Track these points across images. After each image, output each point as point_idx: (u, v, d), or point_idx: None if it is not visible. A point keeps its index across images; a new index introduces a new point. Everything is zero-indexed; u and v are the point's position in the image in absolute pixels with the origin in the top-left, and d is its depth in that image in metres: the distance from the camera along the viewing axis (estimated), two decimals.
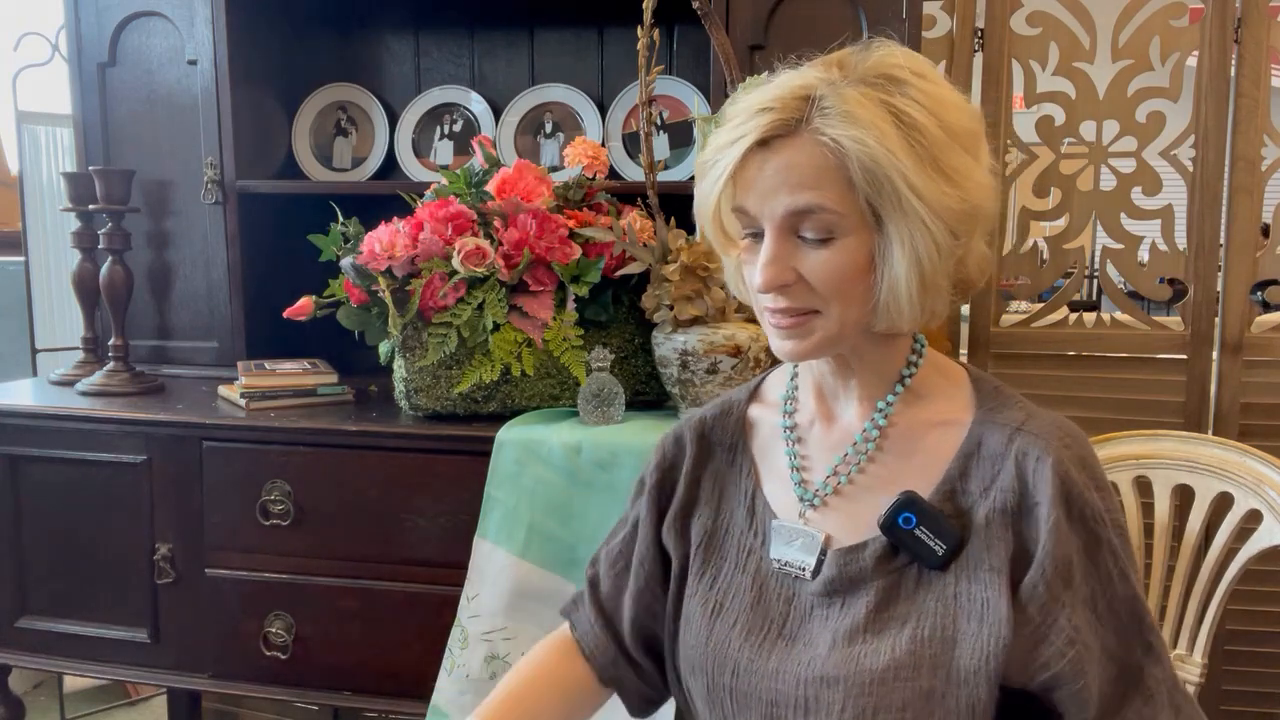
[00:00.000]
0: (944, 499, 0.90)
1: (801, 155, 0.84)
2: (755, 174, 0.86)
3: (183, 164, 2.03)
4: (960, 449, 0.91)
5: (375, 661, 1.63)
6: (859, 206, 0.83)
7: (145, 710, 2.80)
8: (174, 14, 2.00)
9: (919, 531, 0.87)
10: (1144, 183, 2.12)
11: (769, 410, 1.03)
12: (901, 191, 0.82)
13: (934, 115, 0.83)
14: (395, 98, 2.20)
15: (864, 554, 0.91)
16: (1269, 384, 2.09)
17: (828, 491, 0.95)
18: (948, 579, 0.88)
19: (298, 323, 1.74)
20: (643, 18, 1.49)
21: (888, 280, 0.85)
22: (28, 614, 1.80)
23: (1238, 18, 2.03)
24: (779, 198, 0.85)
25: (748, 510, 0.99)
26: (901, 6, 1.77)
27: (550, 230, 1.59)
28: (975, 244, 0.89)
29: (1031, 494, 0.87)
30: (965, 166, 0.85)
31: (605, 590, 1.08)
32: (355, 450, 1.62)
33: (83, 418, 1.74)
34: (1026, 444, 0.88)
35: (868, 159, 0.81)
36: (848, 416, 0.96)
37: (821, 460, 0.96)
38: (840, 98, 0.83)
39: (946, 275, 0.87)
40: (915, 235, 0.83)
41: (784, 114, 0.84)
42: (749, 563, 0.97)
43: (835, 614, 0.91)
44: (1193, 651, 1.50)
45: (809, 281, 0.86)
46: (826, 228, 0.84)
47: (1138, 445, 1.59)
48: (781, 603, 0.94)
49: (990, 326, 2.19)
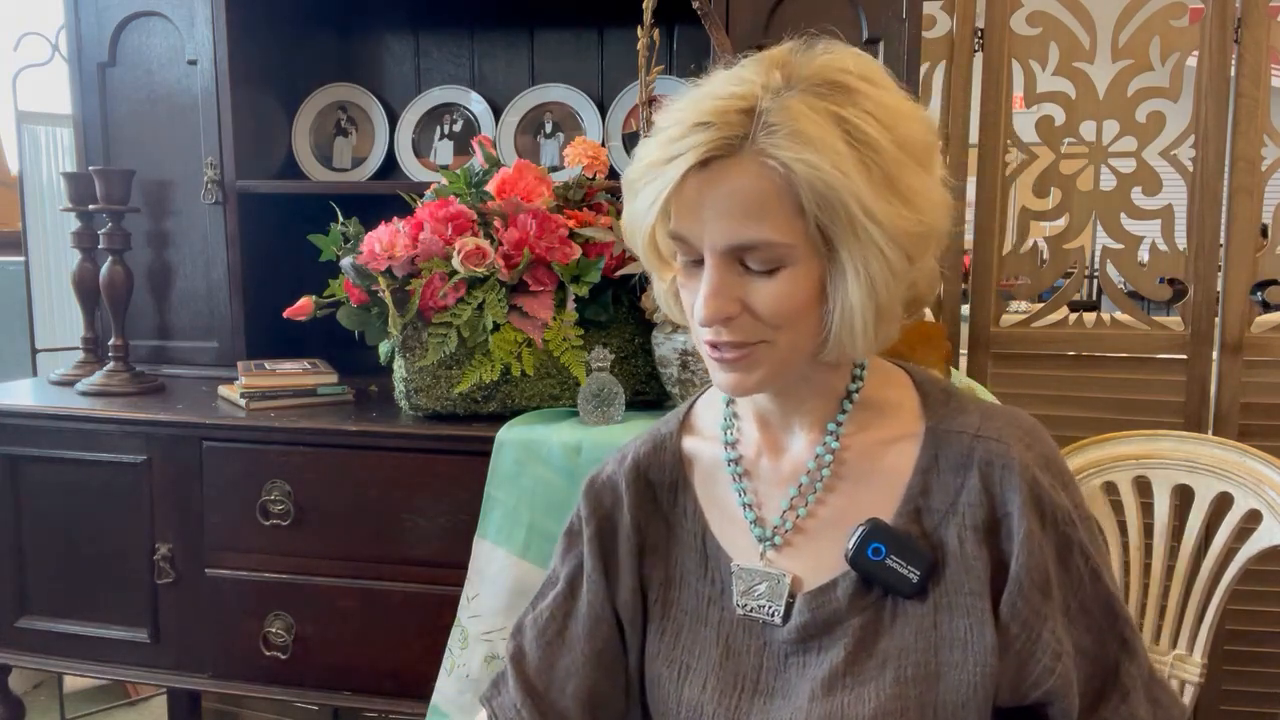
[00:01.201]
0: (909, 520, 0.85)
1: (745, 179, 0.76)
2: (694, 198, 0.78)
3: (183, 164, 2.03)
4: (917, 464, 0.87)
5: (375, 661, 1.63)
6: (808, 233, 0.77)
7: (145, 710, 2.80)
8: (174, 14, 2.00)
9: (890, 561, 0.83)
10: (1144, 183, 2.13)
11: (706, 442, 0.96)
12: (856, 217, 0.75)
13: (887, 129, 0.77)
14: (395, 98, 2.20)
15: (835, 593, 0.86)
16: (1269, 384, 2.10)
17: (787, 528, 0.89)
18: (925, 609, 0.84)
19: (298, 323, 1.74)
20: (643, 18, 1.49)
21: (841, 309, 0.79)
22: (28, 614, 1.80)
23: (1238, 18, 2.03)
24: (720, 228, 0.77)
25: (699, 555, 0.92)
26: (901, 6, 1.77)
27: (550, 230, 1.59)
28: (927, 262, 0.83)
29: (1001, 504, 0.84)
30: (921, 184, 0.79)
31: (534, 665, 0.95)
32: (355, 450, 1.62)
33: (83, 418, 1.74)
34: (989, 452, 0.84)
35: (820, 184, 0.74)
36: (796, 446, 0.90)
37: (774, 495, 0.90)
38: (787, 112, 0.75)
39: (900, 300, 0.82)
40: (870, 261, 0.77)
41: (724, 131, 0.76)
42: (709, 613, 0.90)
43: (813, 661, 0.86)
44: (1193, 651, 1.50)
45: (756, 313, 0.79)
46: (774, 260, 0.78)
47: (1138, 445, 1.60)
48: (752, 655, 0.88)
49: (990, 326, 2.19)
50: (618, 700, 0.95)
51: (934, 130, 0.83)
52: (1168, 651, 1.52)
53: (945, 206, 0.82)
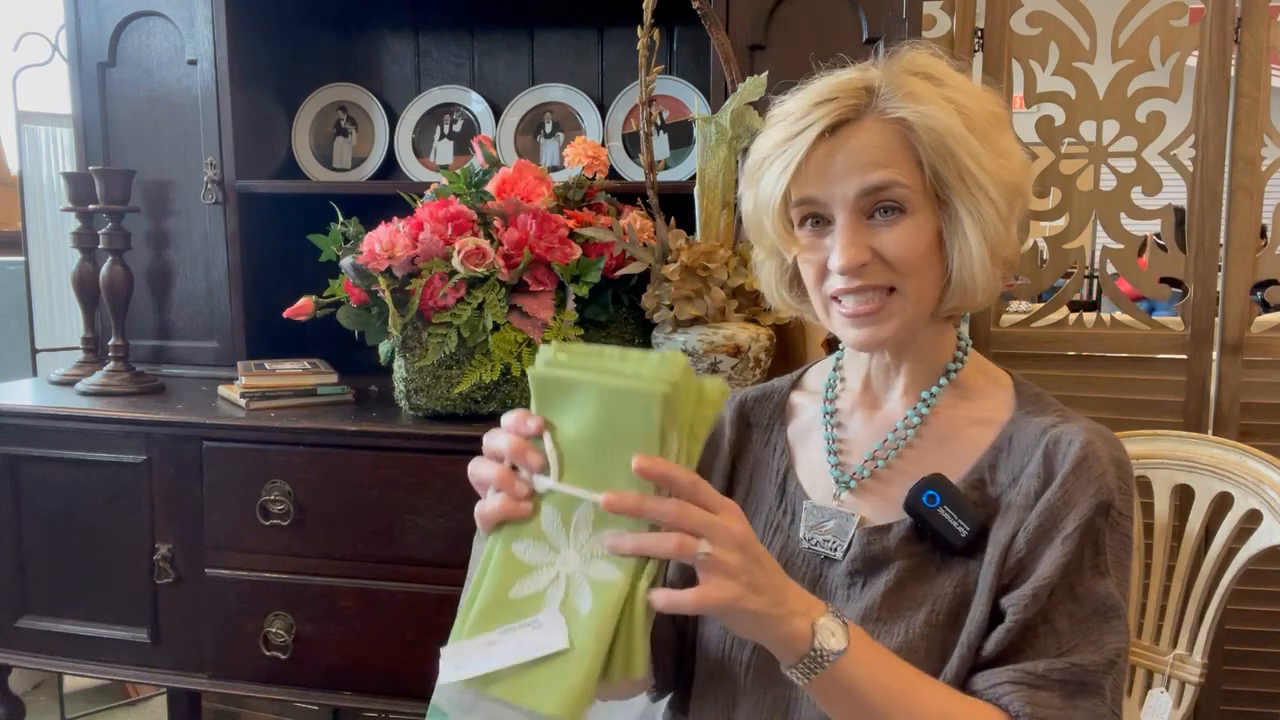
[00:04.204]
0: (971, 487, 0.91)
1: (870, 136, 0.87)
2: (824, 160, 0.87)
3: (183, 164, 2.03)
4: (994, 443, 0.93)
5: (375, 661, 1.63)
6: (925, 185, 0.87)
7: (145, 710, 2.80)
8: (174, 14, 2.00)
9: (942, 510, 0.88)
10: (1144, 183, 2.12)
11: (810, 398, 1.05)
12: (965, 163, 0.85)
13: (975, 100, 0.88)
14: (395, 98, 2.20)
15: (888, 535, 0.91)
16: (1269, 384, 2.09)
17: (864, 475, 0.95)
18: (969, 565, 0.88)
19: (298, 323, 1.74)
20: (643, 18, 1.49)
21: (960, 253, 0.88)
22: (28, 614, 1.80)
23: (1238, 18, 2.03)
24: (851, 179, 0.87)
25: (778, 489, 1.00)
26: (902, 6, 1.77)
27: (550, 230, 1.59)
28: (1013, 225, 0.92)
29: (1054, 471, 0.88)
30: (1008, 144, 0.89)
31: None
32: (355, 450, 1.62)
33: (83, 418, 1.74)
34: (1059, 433, 0.90)
35: (934, 131, 0.85)
36: (891, 404, 0.97)
37: (860, 444, 0.97)
38: (898, 81, 0.87)
39: (1010, 247, 0.91)
40: (982, 207, 0.86)
41: (849, 101, 0.87)
42: (775, 540, 0.97)
43: (856, 594, 0.91)
44: (1193, 651, 1.50)
45: (886, 259, 0.88)
46: (899, 204, 0.87)
47: (1138, 445, 1.59)
48: (807, 583, 0.93)
49: (990, 326, 2.19)
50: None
51: (1005, 106, 0.93)
52: (1168, 651, 1.52)
53: (1028, 166, 0.92)
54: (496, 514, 0.75)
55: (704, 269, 1.53)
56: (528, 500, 0.74)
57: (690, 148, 1.99)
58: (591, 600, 0.72)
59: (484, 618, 0.74)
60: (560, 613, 0.73)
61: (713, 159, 1.57)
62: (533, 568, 0.74)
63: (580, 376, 0.73)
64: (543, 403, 0.75)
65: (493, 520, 0.75)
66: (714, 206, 1.59)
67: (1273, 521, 1.44)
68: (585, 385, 0.73)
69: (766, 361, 1.58)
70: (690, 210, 1.63)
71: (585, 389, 0.73)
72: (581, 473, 0.74)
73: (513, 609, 0.74)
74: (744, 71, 1.67)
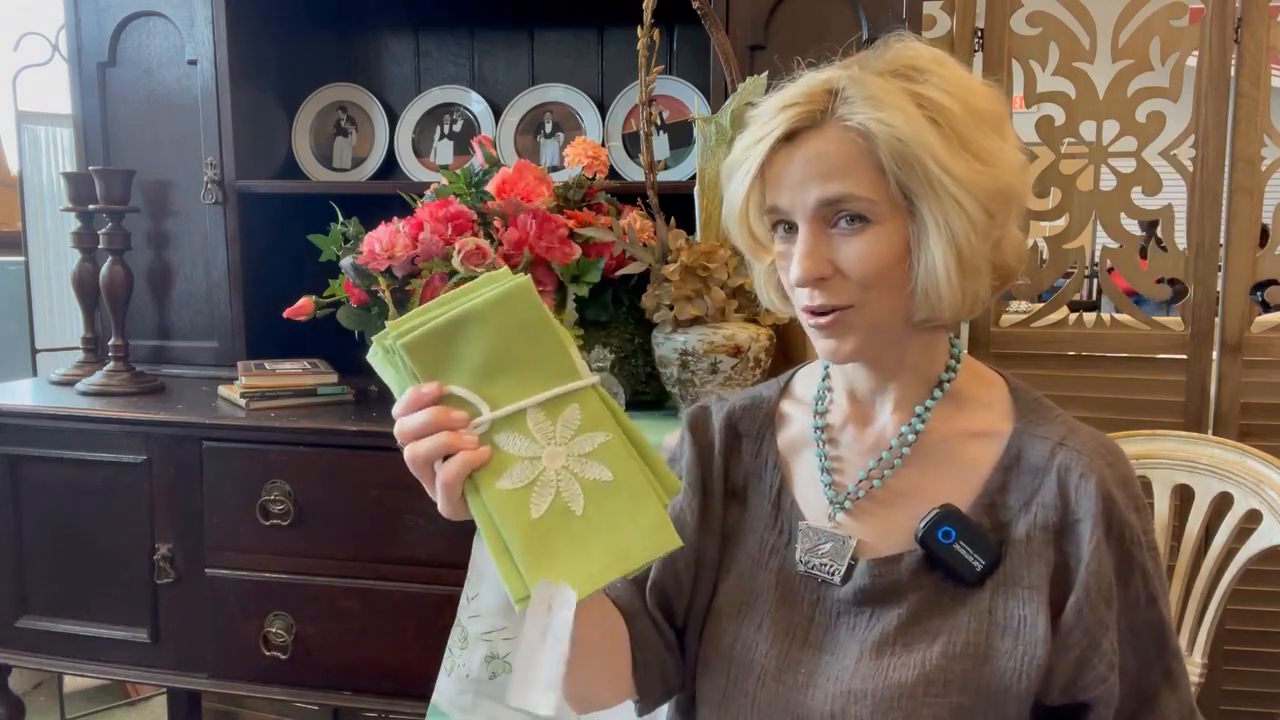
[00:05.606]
0: (983, 512, 0.88)
1: (829, 145, 0.83)
2: (783, 168, 0.85)
3: (183, 164, 2.03)
4: (999, 461, 0.90)
5: (375, 661, 1.63)
6: (890, 193, 0.82)
7: (145, 710, 2.80)
8: (174, 14, 2.00)
9: (958, 546, 0.86)
10: (1144, 183, 2.12)
11: (799, 407, 1.01)
12: (931, 170, 0.81)
13: (958, 99, 0.83)
14: (395, 98, 2.20)
15: (899, 566, 0.88)
16: (1269, 384, 2.09)
17: (859, 495, 0.92)
18: (984, 594, 0.86)
19: (298, 323, 1.74)
20: (643, 18, 1.49)
21: (924, 264, 0.83)
22: (28, 614, 1.80)
23: (1238, 18, 2.03)
24: (809, 189, 0.84)
25: (772, 505, 0.97)
26: (901, 6, 1.77)
27: (550, 230, 1.59)
28: (1010, 228, 0.88)
29: (1074, 510, 0.86)
30: (994, 146, 0.84)
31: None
32: (355, 450, 1.62)
33: (83, 418, 1.74)
34: (1069, 459, 0.87)
35: (895, 140, 0.80)
36: (882, 421, 0.94)
37: (853, 463, 0.94)
38: (862, 85, 0.83)
39: (985, 258, 0.86)
40: (950, 215, 0.82)
41: (808, 106, 0.84)
42: (772, 561, 0.94)
43: (864, 624, 0.89)
44: (1193, 651, 1.50)
45: (845, 272, 0.84)
46: (859, 216, 0.83)
47: (1138, 445, 1.59)
48: (805, 607, 0.91)
49: (990, 326, 2.19)
50: (674, 607, 0.98)
51: (1003, 104, 0.88)
52: None
53: (1021, 167, 0.86)
54: (460, 467, 0.74)
55: (704, 269, 1.53)
56: (479, 445, 0.75)
57: (690, 148, 1.99)
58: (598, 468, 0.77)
59: (530, 548, 0.74)
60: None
61: (713, 159, 1.57)
62: (530, 484, 0.75)
63: (445, 319, 0.75)
64: (425, 367, 0.76)
65: (460, 476, 0.74)
66: (714, 206, 1.59)
67: (1272, 521, 1.45)
68: (456, 321, 0.75)
69: (766, 361, 1.58)
70: (690, 210, 1.63)
71: (457, 324, 0.75)
72: (507, 388, 0.76)
73: (544, 525, 0.75)
74: (744, 71, 1.67)
